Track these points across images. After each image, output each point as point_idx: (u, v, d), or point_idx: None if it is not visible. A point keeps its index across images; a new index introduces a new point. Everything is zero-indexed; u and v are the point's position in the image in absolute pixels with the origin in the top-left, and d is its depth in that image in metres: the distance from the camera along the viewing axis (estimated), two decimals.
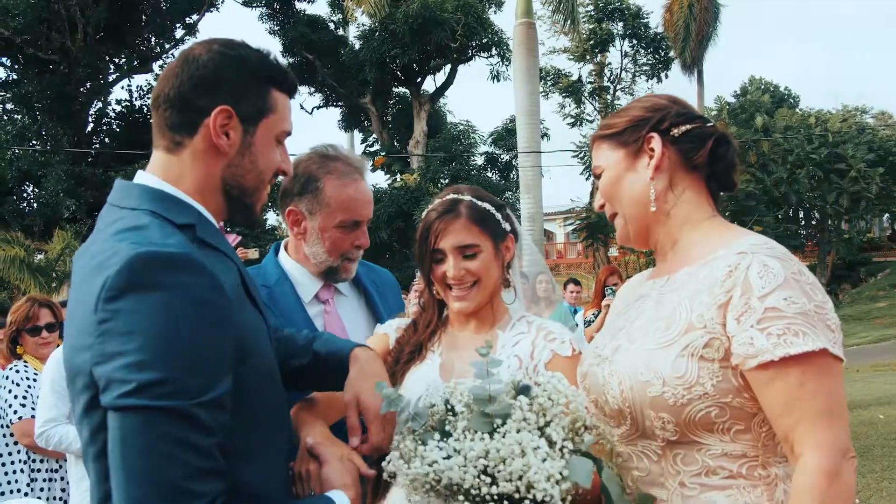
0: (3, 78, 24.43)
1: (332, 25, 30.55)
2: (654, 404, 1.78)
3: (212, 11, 26.65)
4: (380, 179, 32.13)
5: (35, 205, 23.25)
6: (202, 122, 1.70)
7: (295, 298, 2.69)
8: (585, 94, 34.93)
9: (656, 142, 1.96)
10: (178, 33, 26.56)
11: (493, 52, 28.32)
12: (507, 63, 27.60)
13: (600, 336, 2.09)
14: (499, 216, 2.33)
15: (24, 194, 24.27)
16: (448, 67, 29.31)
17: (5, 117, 23.98)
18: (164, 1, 25.94)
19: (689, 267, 1.90)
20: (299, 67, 29.39)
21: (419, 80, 29.48)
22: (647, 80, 34.56)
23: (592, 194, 25.52)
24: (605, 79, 35.09)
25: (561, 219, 41.58)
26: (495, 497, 1.69)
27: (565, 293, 9.77)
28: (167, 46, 26.82)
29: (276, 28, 29.56)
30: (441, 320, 2.45)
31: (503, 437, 1.73)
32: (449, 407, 1.84)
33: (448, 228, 2.26)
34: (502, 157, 30.25)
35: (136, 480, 1.40)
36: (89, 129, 26.22)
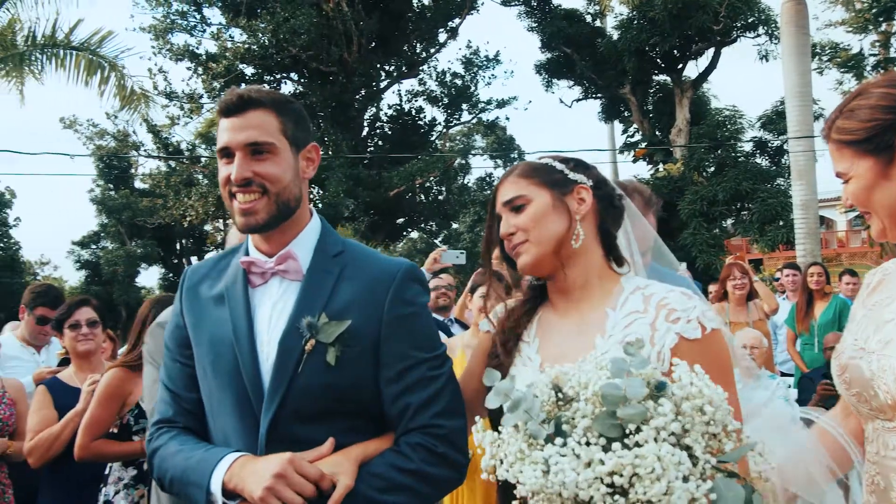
0: (292, 91, 26.88)
1: (588, 18, 30.46)
2: None
3: (472, 14, 27.63)
4: (642, 170, 31.56)
5: (320, 205, 25.35)
6: None
7: None
8: (868, 67, 31.88)
9: None
10: (441, 37, 27.80)
11: (760, 31, 26.73)
12: (775, 41, 25.94)
13: (858, 327, 2.03)
14: (561, 166, 2.05)
15: (311, 196, 26.54)
16: (711, 51, 28.10)
17: None
18: (427, 8, 27.26)
19: None
20: (557, 62, 29.62)
21: (680, 66, 28.55)
22: None
23: None
24: (893, 49, 31.81)
25: (841, 205, 38.30)
26: None
27: (840, 284, 9.14)
28: (431, 51, 28.19)
29: (535, 25, 30.01)
30: (539, 301, 2.14)
31: (637, 447, 1.45)
32: (560, 396, 1.60)
33: (499, 188, 2.08)
34: (772, 142, 28.48)
35: None
36: (364, 133, 28.22)
